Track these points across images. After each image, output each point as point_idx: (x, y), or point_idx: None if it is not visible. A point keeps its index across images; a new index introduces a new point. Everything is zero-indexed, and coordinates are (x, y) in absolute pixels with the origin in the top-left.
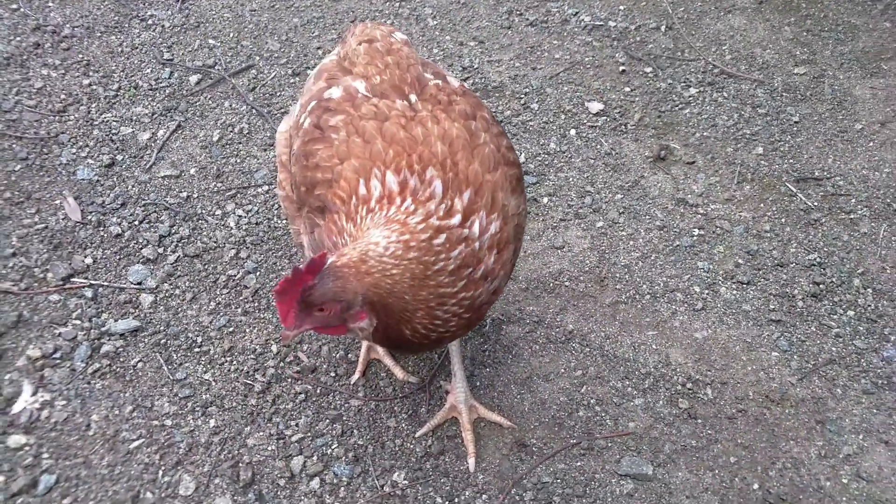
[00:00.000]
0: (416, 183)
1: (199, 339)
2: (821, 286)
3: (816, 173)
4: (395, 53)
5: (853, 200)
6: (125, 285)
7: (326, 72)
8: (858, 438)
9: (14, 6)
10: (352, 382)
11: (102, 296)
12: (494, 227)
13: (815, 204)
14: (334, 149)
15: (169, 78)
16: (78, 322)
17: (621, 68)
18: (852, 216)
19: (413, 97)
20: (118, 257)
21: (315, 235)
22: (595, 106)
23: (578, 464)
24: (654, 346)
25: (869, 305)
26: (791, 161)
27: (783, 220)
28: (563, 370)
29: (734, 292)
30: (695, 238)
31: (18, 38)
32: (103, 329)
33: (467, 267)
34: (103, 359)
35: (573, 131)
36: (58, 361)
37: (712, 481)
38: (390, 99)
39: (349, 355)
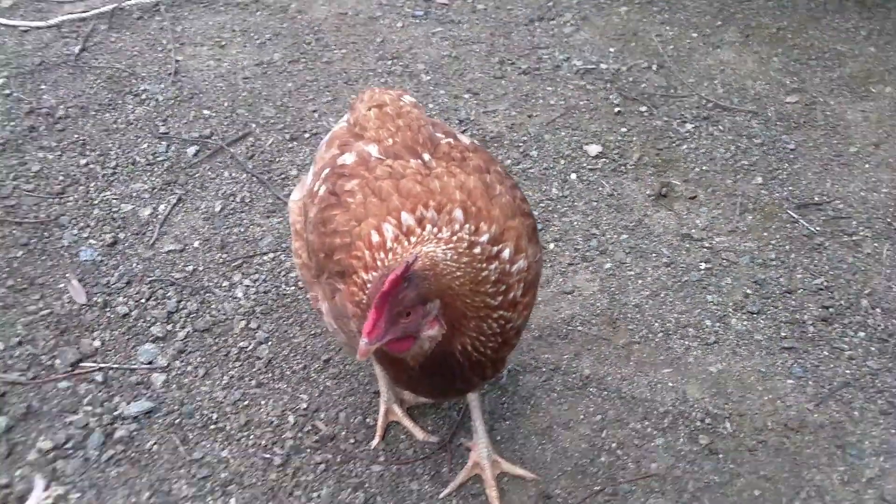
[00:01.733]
0: (434, 215)
1: (215, 416)
2: (830, 310)
3: (816, 198)
4: (405, 116)
5: (854, 222)
6: (136, 366)
7: (338, 139)
8: (880, 461)
9: (7, 91)
10: (372, 447)
11: (113, 379)
12: (522, 264)
13: (818, 229)
14: (351, 212)
15: (166, 151)
16: (89, 408)
17: (616, 109)
18: (855, 238)
19: (427, 156)
20: (127, 338)
21: (336, 300)
22: (593, 149)
23: None
24: (670, 384)
25: (879, 325)
26: (790, 188)
27: (787, 247)
28: (582, 416)
29: (745, 323)
30: (702, 272)
31: (13, 123)
32: (116, 413)
33: (503, 283)
34: (117, 444)
35: (574, 175)
36: (70, 452)
37: None
38: (404, 159)
39: (367, 420)
